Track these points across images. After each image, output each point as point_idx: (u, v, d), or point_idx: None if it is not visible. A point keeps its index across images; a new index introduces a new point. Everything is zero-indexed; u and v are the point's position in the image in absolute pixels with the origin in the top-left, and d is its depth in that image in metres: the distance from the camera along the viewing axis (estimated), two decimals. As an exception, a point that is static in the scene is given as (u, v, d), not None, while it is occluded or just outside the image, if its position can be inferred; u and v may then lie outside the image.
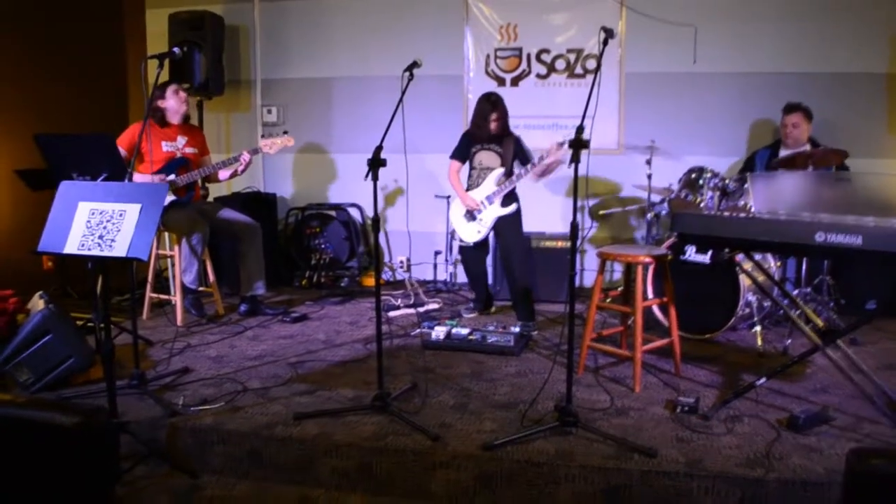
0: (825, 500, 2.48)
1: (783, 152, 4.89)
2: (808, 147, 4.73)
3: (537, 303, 4.82)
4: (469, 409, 3.22)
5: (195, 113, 5.93)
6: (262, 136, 4.80)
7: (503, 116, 4.67)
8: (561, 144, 4.29)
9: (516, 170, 4.62)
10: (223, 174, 4.86)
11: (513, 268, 4.65)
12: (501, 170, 4.63)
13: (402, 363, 3.87)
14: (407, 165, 3.84)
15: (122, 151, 4.35)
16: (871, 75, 5.23)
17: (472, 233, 4.73)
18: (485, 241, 4.80)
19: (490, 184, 4.64)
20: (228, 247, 5.23)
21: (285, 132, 4.81)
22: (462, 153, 4.84)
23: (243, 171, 4.77)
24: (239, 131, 6.44)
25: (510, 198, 4.65)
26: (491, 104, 4.64)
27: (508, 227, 4.65)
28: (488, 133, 4.67)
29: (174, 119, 4.74)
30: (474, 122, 4.73)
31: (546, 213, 5.28)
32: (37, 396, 3.34)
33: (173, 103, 4.70)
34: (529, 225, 4.86)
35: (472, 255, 4.89)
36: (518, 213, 4.68)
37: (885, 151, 5.21)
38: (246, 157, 4.68)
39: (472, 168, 4.80)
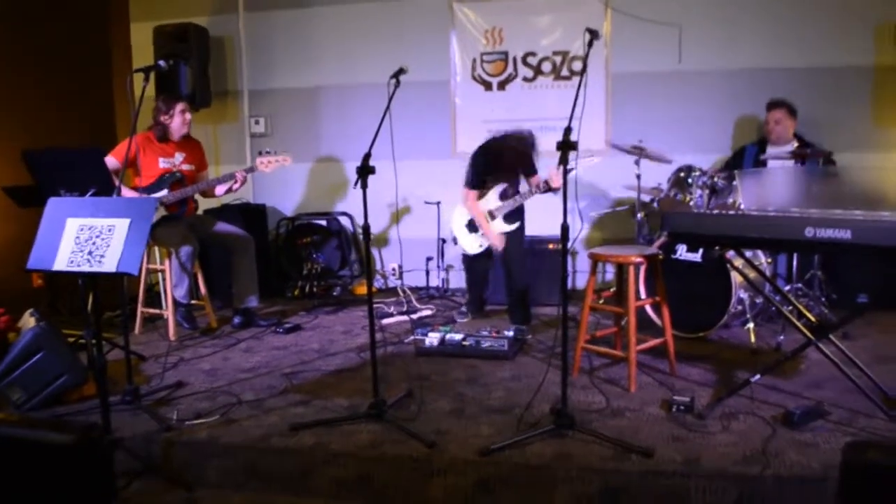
0: (822, 495, 2.49)
1: (769, 149, 4.91)
2: (794, 143, 4.75)
3: (531, 305, 4.82)
4: (465, 415, 3.21)
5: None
6: (259, 154, 4.78)
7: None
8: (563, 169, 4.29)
9: (522, 188, 4.58)
10: (219, 190, 4.85)
11: (512, 275, 4.65)
12: (504, 184, 4.60)
13: (396, 371, 3.87)
14: (396, 172, 3.83)
15: (116, 163, 4.33)
16: (857, 68, 5.24)
17: (472, 244, 4.71)
18: (489, 250, 4.74)
19: (493, 198, 4.62)
20: (220, 259, 5.21)
21: (280, 151, 4.80)
22: (479, 181, 4.64)
23: (238, 188, 4.78)
24: (227, 142, 6.42)
25: (515, 215, 4.62)
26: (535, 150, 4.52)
27: (511, 239, 4.61)
28: (516, 171, 4.57)
29: (175, 137, 4.73)
30: (510, 163, 4.51)
31: (537, 213, 5.27)
32: (30, 415, 3.32)
33: (177, 123, 4.69)
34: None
35: (476, 261, 4.84)
36: (521, 228, 4.66)
37: (871, 145, 5.22)
38: (241, 175, 4.68)
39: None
